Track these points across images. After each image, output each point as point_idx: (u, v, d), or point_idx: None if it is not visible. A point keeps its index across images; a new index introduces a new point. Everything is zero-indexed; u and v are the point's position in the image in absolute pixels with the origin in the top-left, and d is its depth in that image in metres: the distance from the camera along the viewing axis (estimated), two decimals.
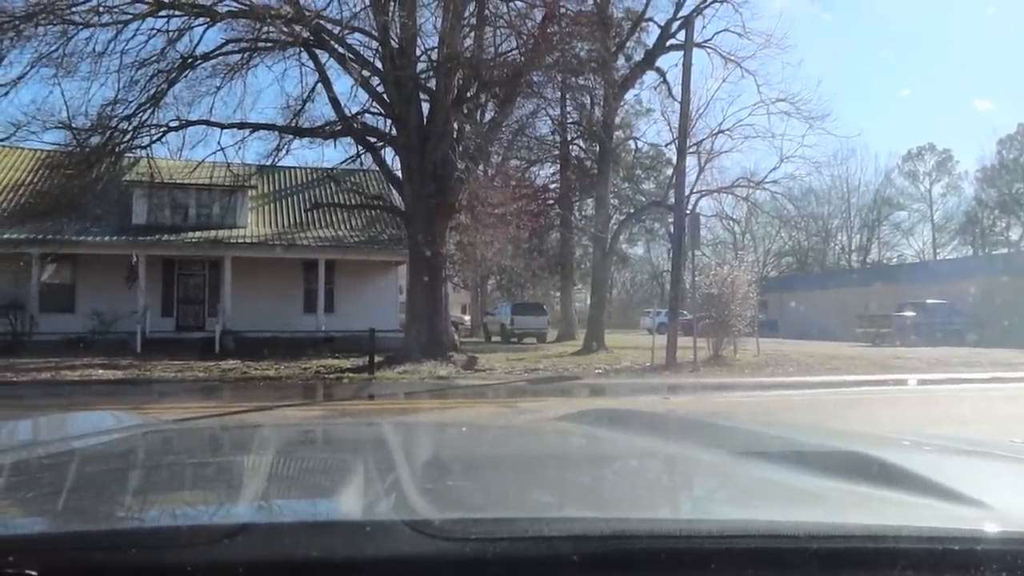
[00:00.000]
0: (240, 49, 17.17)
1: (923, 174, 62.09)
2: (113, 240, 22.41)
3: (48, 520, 1.06)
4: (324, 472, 1.55)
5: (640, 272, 65.75)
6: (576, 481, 1.43)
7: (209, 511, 1.14)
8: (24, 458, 1.50)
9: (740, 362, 18.39)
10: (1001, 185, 58.11)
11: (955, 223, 61.37)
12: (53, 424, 2.08)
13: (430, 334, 17.76)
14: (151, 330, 21.80)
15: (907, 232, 62.18)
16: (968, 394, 13.29)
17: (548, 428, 2.43)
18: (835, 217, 62.58)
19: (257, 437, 2.04)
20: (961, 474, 1.31)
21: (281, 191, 27.02)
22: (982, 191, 59.62)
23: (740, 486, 1.35)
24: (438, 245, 17.67)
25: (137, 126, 16.77)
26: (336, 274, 25.09)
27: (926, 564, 0.87)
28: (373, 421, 4.24)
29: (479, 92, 18.33)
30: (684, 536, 0.89)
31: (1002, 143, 58.11)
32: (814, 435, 1.96)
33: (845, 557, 0.87)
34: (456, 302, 42.71)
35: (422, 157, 17.34)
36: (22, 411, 8.57)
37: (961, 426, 8.20)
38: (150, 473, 1.51)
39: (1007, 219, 59.20)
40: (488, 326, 37.44)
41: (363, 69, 17.18)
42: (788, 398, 12.53)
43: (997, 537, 0.92)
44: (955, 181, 61.89)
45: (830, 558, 0.86)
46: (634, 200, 37.85)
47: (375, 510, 1.06)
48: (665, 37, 25.85)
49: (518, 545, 0.85)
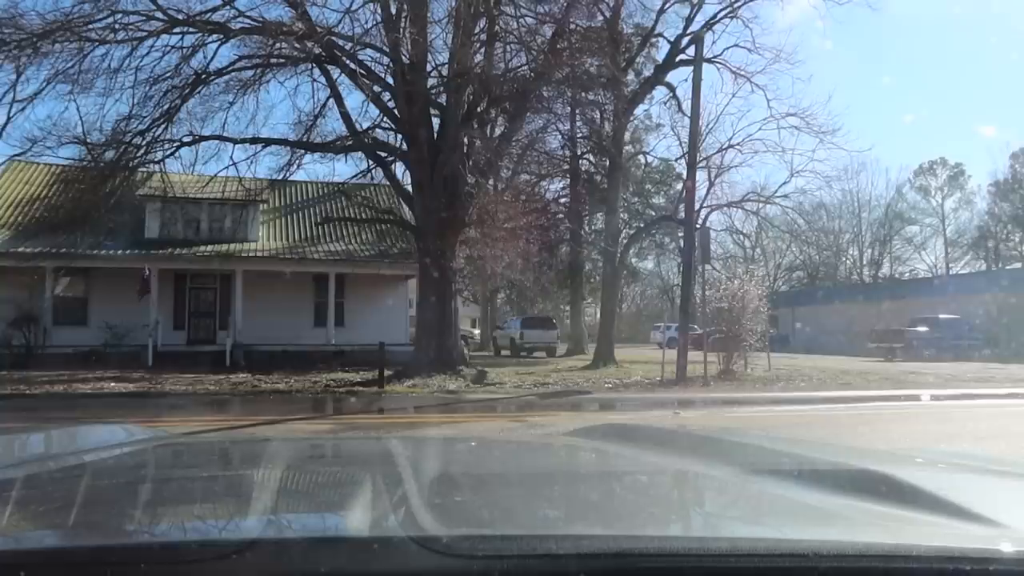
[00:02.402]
0: (253, 65, 17.34)
1: (935, 188, 61.93)
2: (126, 254, 22.54)
3: (59, 534, 1.07)
4: (332, 487, 1.56)
5: (650, 286, 65.63)
6: (584, 497, 1.42)
7: (219, 526, 1.14)
8: (36, 472, 1.50)
9: (751, 377, 18.30)
10: (1014, 199, 57.83)
11: (967, 237, 61.12)
12: (64, 438, 2.10)
13: (440, 348, 17.76)
14: (163, 343, 21.88)
15: (919, 247, 61.98)
16: (984, 410, 13.14)
17: (557, 443, 2.43)
18: (846, 231, 62.45)
19: (266, 451, 2.05)
20: (973, 492, 1.29)
21: (292, 205, 27.15)
22: (995, 205, 59.33)
23: (750, 503, 1.35)
24: (448, 259, 17.70)
25: (151, 141, 16.96)
26: (346, 288, 25.14)
27: None
28: (381, 436, 4.24)
29: (489, 107, 18.43)
30: (693, 554, 0.88)
31: (1015, 156, 57.90)
32: (825, 451, 1.94)
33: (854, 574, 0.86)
34: (466, 316, 42.73)
35: (432, 172, 17.42)
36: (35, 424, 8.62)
37: (977, 442, 8.12)
38: (160, 487, 1.52)
39: (1020, 233, 58.84)
40: (497, 340, 37.40)
41: (374, 85, 17.33)
42: (800, 414, 12.45)
43: (1010, 557, 0.90)
44: (967, 195, 61.73)
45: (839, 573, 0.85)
46: (644, 214, 37.82)
47: (383, 526, 1.06)
48: (675, 52, 25.95)
49: (526, 563, 0.85)
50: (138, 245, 22.96)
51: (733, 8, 24.51)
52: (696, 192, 21.23)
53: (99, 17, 15.75)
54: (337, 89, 17.99)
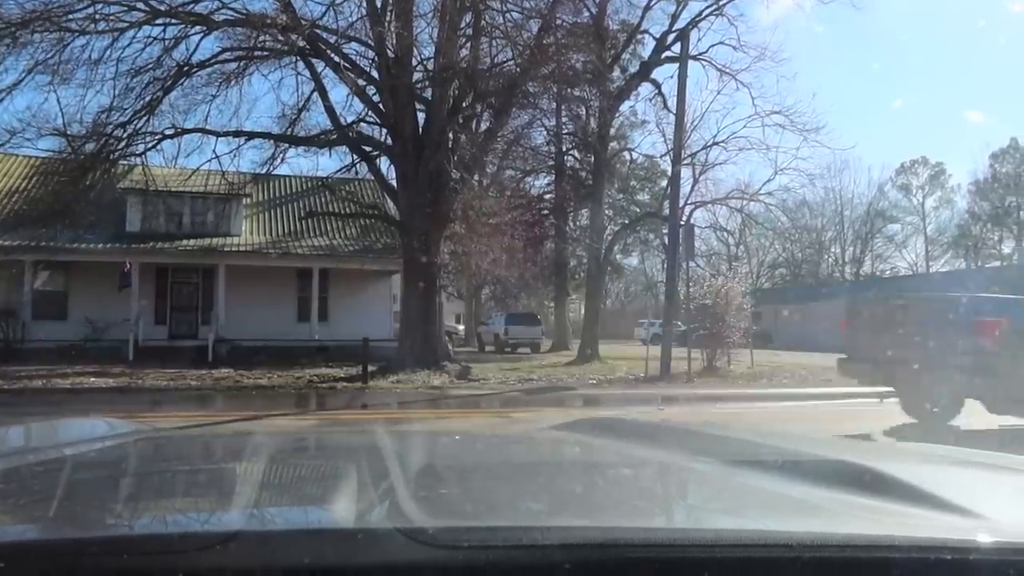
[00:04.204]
0: (236, 58, 17.17)
1: (916, 187, 62.50)
2: (107, 247, 22.28)
3: (41, 527, 1.06)
4: (317, 480, 1.55)
5: (634, 283, 65.82)
6: (569, 490, 1.42)
7: (202, 518, 1.14)
8: (17, 465, 1.49)
9: (734, 373, 18.40)
10: (994, 198, 58.48)
11: (948, 236, 61.75)
12: (46, 431, 2.07)
13: (424, 344, 17.72)
14: (144, 338, 21.66)
15: (900, 245, 62.54)
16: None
17: (541, 437, 2.44)
18: (828, 229, 62.90)
19: (250, 445, 2.04)
20: (954, 484, 1.31)
21: (276, 200, 26.97)
22: (975, 204, 59.98)
23: (732, 495, 1.35)
24: (432, 254, 17.64)
25: (132, 134, 16.75)
26: (330, 283, 25.01)
27: (917, 573, 0.87)
28: (366, 428, 4.17)
29: (475, 102, 18.37)
30: (677, 544, 0.89)
31: (995, 156, 58.56)
32: (806, 444, 1.96)
33: (839, 566, 0.87)
34: (450, 312, 42.65)
35: (417, 166, 17.34)
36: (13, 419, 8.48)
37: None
38: (143, 480, 1.51)
39: (1000, 232, 59.53)
40: (482, 336, 37.39)
41: (359, 78, 17.21)
42: (784, 410, 12.52)
43: (989, 547, 0.92)
44: (948, 194, 62.37)
45: (823, 567, 0.86)
46: (628, 211, 37.91)
47: (368, 517, 1.05)
48: (660, 49, 25.98)
49: (511, 553, 0.85)
50: (119, 239, 22.69)
51: (719, 5, 24.58)
52: (680, 189, 21.28)
53: (79, 7, 15.51)
54: (321, 82, 17.87)
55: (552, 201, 32.23)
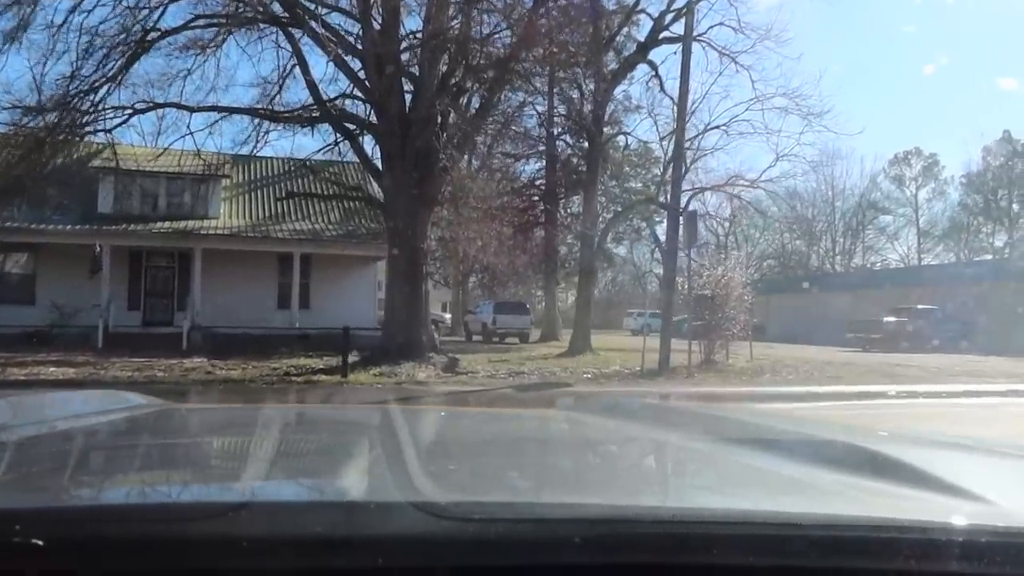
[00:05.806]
0: (209, 24, 16.07)
1: (909, 179, 61.86)
2: (76, 229, 21.33)
3: (54, 494, 1.07)
4: (328, 454, 1.55)
5: (622, 272, 64.96)
6: (578, 467, 1.46)
7: (213, 488, 1.16)
8: (31, 435, 1.50)
9: (733, 367, 17.57)
10: (986, 191, 58.08)
11: (940, 228, 61.31)
12: (59, 402, 2.09)
13: (409, 333, 16.81)
14: (116, 324, 20.74)
15: (892, 237, 61.96)
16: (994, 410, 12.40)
17: (550, 415, 2.54)
18: (819, 220, 62.22)
19: (263, 419, 2.08)
20: (951, 466, 1.27)
21: (256, 181, 25.93)
22: (967, 197, 59.56)
23: (742, 475, 1.34)
24: (419, 239, 16.74)
25: (98, 105, 15.64)
26: (312, 269, 24.09)
27: (926, 556, 0.86)
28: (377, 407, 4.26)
29: (465, 77, 17.34)
30: (684, 521, 0.89)
31: (987, 149, 58.07)
32: (805, 425, 1.99)
33: (848, 547, 0.86)
34: (436, 299, 41.82)
35: (404, 145, 16.33)
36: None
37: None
38: (156, 451, 1.52)
39: (991, 225, 59.18)
40: (469, 325, 36.60)
41: (342, 50, 16.14)
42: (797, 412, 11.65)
43: (983, 529, 0.90)
44: (941, 186, 61.77)
45: (832, 548, 0.85)
46: (621, 198, 36.98)
47: (378, 490, 1.08)
48: (658, 29, 25.07)
49: (518, 527, 0.86)
50: (90, 220, 21.73)
51: None
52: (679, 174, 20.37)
53: None
54: (302, 54, 16.87)
55: (543, 187, 31.36)
